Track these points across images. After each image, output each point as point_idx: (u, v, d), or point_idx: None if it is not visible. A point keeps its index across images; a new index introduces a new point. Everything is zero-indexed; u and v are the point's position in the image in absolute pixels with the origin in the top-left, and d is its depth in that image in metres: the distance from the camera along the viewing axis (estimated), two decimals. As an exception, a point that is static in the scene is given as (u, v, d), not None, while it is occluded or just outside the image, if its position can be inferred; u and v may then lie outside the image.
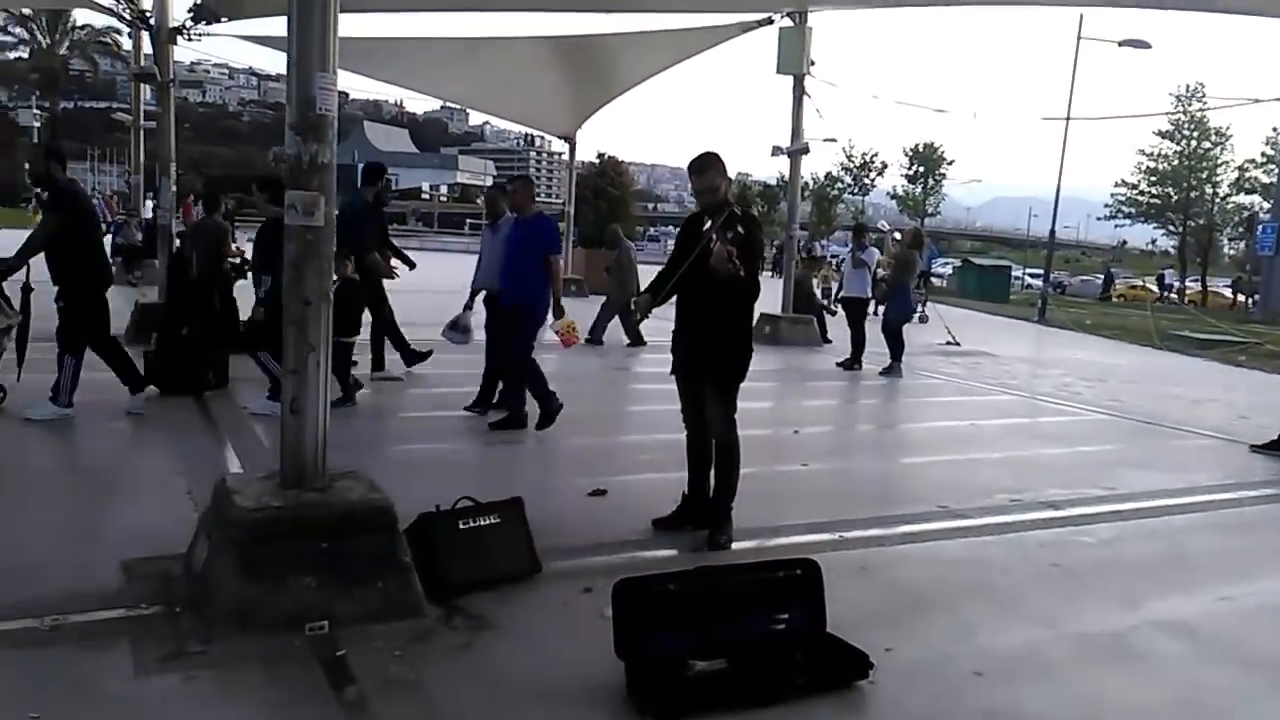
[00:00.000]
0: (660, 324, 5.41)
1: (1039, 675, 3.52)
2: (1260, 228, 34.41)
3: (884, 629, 3.77)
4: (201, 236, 8.49)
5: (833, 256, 27.43)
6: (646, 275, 6.48)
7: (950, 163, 64.15)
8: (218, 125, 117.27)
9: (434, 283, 10.32)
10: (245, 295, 7.96)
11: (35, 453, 5.97)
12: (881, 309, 12.72)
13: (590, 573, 4.13)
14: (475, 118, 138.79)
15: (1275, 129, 41.20)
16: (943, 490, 6.10)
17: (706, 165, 4.71)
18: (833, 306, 16.37)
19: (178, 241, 10.12)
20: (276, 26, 9.25)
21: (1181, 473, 7.11)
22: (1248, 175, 45.57)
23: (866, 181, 65.62)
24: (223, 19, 9.46)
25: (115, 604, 3.63)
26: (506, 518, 4.19)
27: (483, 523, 4.11)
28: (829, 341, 14.19)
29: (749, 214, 4.85)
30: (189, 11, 9.52)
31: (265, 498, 3.60)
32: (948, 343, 15.42)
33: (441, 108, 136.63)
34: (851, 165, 64.80)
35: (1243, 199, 47.00)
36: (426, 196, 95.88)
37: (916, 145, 63.79)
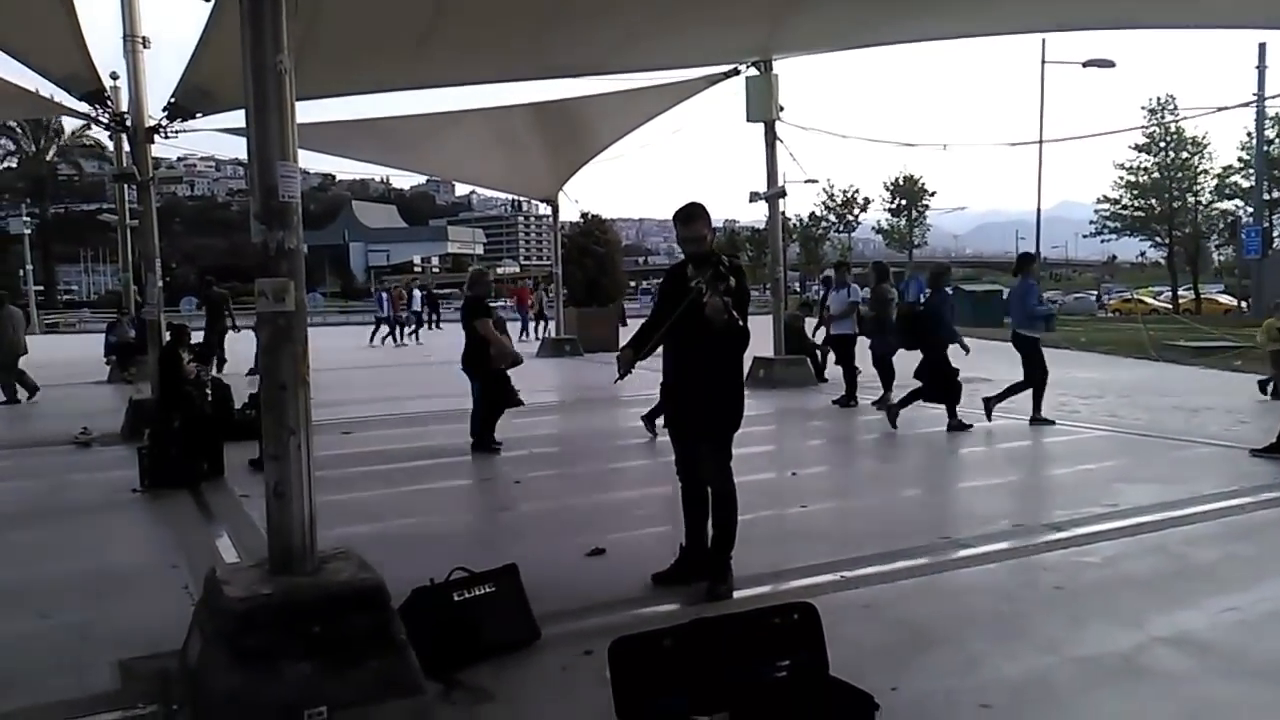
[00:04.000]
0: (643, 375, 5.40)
1: (1045, 703, 3.48)
2: (1244, 232, 34.63)
3: (889, 667, 3.73)
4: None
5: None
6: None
7: (932, 193, 64.61)
8: (209, 217, 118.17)
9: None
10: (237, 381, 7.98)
11: (36, 552, 5.93)
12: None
13: (590, 635, 4.08)
14: (461, 187, 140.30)
15: (1249, 133, 41.69)
16: (945, 521, 6.07)
17: (692, 215, 4.77)
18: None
19: (167, 335, 10.18)
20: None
21: (1182, 483, 7.06)
22: (1228, 181, 46.23)
23: (850, 218, 66.28)
24: (197, 115, 9.63)
25: (112, 706, 3.61)
26: (502, 586, 4.17)
27: (478, 593, 4.09)
28: (825, 380, 14.19)
29: (736, 264, 4.90)
30: (163, 110, 9.69)
31: (254, 586, 3.57)
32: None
33: (427, 181, 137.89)
34: (834, 204, 65.55)
35: (1226, 205, 47.66)
36: (419, 269, 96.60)
37: (897, 179, 64.28)
